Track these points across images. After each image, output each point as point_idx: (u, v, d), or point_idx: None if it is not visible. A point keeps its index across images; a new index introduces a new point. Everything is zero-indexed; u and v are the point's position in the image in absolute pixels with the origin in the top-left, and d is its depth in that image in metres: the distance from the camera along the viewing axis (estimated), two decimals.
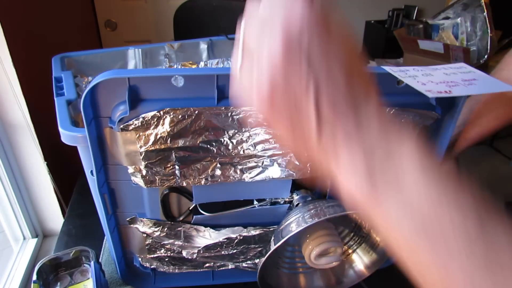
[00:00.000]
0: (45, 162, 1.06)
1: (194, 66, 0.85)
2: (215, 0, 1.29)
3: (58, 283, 0.56)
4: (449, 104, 0.49)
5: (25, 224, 1.16)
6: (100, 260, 0.58)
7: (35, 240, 1.19)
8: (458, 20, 1.37)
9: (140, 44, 0.79)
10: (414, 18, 2.01)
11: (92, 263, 0.57)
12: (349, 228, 0.54)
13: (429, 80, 0.42)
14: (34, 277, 0.53)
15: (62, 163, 1.15)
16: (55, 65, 0.66)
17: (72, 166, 0.77)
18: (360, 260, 0.54)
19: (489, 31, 1.27)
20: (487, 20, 1.27)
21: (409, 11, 2.02)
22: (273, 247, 0.43)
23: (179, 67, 0.84)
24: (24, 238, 1.19)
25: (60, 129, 0.43)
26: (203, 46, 0.84)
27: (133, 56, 0.78)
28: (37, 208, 1.18)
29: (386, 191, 0.21)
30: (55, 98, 0.51)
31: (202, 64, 0.86)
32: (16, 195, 1.10)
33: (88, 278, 0.57)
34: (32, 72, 1.00)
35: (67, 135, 0.42)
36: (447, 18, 1.41)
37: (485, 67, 1.27)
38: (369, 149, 0.22)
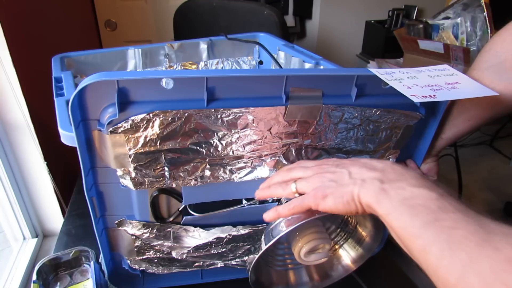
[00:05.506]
0: (45, 162, 1.06)
1: (194, 66, 0.86)
2: (215, 0, 1.29)
3: (58, 283, 0.56)
4: (432, 105, 0.50)
5: (25, 224, 1.16)
6: (100, 260, 0.58)
7: (35, 240, 1.19)
8: (458, 20, 1.37)
9: (140, 44, 0.79)
10: (414, 18, 2.01)
11: (92, 263, 0.57)
12: (336, 224, 0.55)
13: (414, 83, 0.43)
14: (34, 277, 0.53)
15: (62, 163, 1.16)
16: (55, 65, 0.66)
17: (72, 166, 0.77)
18: (347, 255, 0.55)
19: (489, 31, 1.27)
20: (487, 20, 1.27)
21: (409, 11, 2.02)
22: (264, 247, 0.44)
23: (179, 67, 0.84)
24: (24, 238, 1.19)
25: (59, 129, 0.42)
26: (203, 46, 0.84)
27: (133, 56, 0.78)
28: (37, 208, 1.18)
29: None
30: (55, 98, 0.50)
31: (202, 64, 0.86)
32: (16, 195, 1.10)
33: (88, 278, 0.57)
34: (32, 72, 1.00)
35: (67, 136, 0.42)
36: (447, 18, 1.41)
37: None
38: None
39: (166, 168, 0.45)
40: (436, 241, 0.28)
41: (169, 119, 0.40)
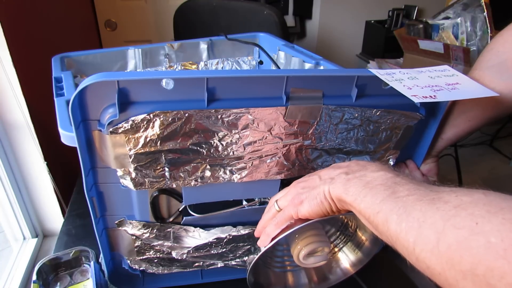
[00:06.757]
0: (45, 162, 1.06)
1: (194, 66, 0.86)
2: (215, 0, 1.29)
3: (58, 283, 0.56)
4: (432, 106, 0.50)
5: (25, 224, 1.16)
6: (100, 260, 0.58)
7: (35, 240, 1.19)
8: (458, 20, 1.37)
9: (140, 44, 0.79)
10: (414, 18, 2.01)
11: (92, 263, 0.57)
12: (335, 227, 0.55)
13: (414, 84, 0.43)
14: (34, 277, 0.53)
15: (62, 163, 1.16)
16: (55, 65, 0.66)
17: (72, 166, 0.77)
18: (346, 258, 0.55)
19: (489, 31, 1.27)
20: (487, 20, 1.27)
21: (409, 11, 2.02)
22: (263, 248, 0.44)
23: (179, 67, 0.84)
24: (24, 238, 1.19)
25: (60, 129, 0.42)
26: (203, 46, 0.84)
27: (133, 56, 0.78)
28: (37, 208, 1.18)
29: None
30: (55, 98, 0.50)
31: (202, 64, 0.86)
32: (16, 195, 1.10)
33: (88, 278, 0.57)
34: (32, 72, 1.00)
35: (67, 136, 0.42)
36: (447, 18, 1.41)
37: None
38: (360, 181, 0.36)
39: (166, 169, 0.45)
40: (394, 209, 0.30)
41: (170, 119, 0.40)
